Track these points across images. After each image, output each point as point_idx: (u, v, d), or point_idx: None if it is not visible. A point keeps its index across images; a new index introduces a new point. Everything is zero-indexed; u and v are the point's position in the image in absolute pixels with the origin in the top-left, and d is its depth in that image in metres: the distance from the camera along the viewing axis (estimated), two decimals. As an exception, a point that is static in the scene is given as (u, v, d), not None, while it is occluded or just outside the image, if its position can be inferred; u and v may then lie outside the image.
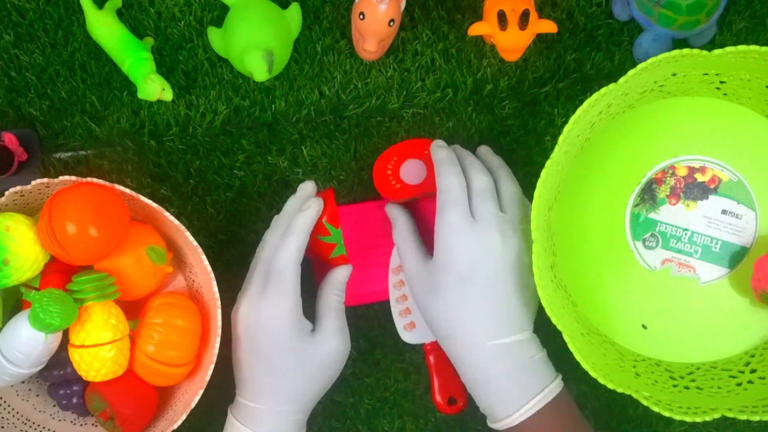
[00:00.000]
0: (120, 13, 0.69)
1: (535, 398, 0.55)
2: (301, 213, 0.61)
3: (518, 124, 0.72)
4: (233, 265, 0.71)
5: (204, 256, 0.63)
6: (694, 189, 0.71)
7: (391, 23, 0.63)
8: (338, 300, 0.64)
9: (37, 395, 0.70)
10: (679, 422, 0.66)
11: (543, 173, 0.60)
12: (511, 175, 0.66)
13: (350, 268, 0.65)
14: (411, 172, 0.67)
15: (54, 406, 0.70)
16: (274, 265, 0.59)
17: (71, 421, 0.70)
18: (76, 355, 0.62)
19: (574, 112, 0.60)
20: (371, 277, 0.71)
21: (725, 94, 0.69)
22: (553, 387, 0.58)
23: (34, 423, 0.68)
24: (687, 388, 0.67)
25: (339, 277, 0.64)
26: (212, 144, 0.71)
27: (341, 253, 0.64)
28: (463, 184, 0.61)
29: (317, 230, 0.63)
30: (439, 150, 0.63)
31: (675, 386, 0.67)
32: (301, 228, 0.60)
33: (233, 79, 0.71)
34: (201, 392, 0.63)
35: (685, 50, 0.59)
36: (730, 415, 0.62)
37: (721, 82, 0.67)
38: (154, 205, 0.61)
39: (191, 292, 0.71)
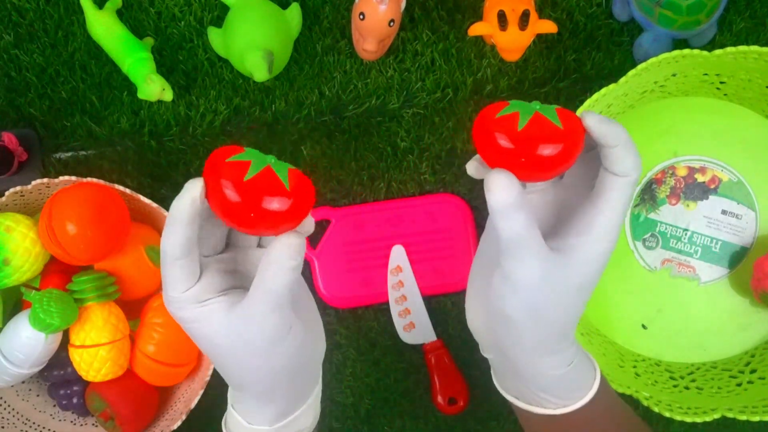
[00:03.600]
0: (120, 13, 0.69)
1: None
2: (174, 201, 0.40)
3: (518, 124, 0.72)
4: (233, 265, 0.71)
5: (204, 256, 0.63)
6: (694, 189, 0.71)
7: (391, 23, 0.63)
8: (283, 282, 0.38)
9: (37, 395, 0.70)
10: (679, 422, 0.66)
11: (543, 173, 0.60)
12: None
13: (305, 229, 0.41)
14: None
15: (54, 406, 0.70)
16: (162, 258, 0.41)
17: (71, 421, 0.70)
18: (76, 355, 0.62)
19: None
20: (370, 280, 0.71)
21: (725, 94, 0.69)
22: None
23: (34, 423, 0.68)
24: (687, 388, 0.67)
25: (286, 246, 0.38)
26: (212, 144, 0.71)
27: (260, 168, 0.37)
28: None
29: (225, 154, 0.38)
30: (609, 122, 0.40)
31: (675, 386, 0.68)
32: (173, 216, 0.39)
33: (233, 79, 0.71)
34: (201, 392, 0.63)
35: (685, 50, 0.59)
36: (730, 415, 0.62)
37: (721, 83, 0.67)
38: (154, 205, 0.62)
39: (191, 292, 0.71)
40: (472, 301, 0.46)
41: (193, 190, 0.38)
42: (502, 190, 0.37)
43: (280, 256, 0.37)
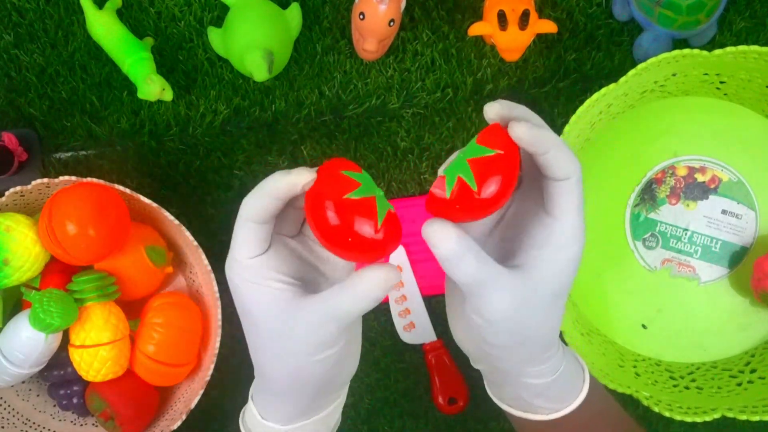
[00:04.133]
0: (120, 13, 0.69)
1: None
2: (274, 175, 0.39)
3: (518, 124, 0.72)
4: (233, 265, 0.71)
5: (204, 256, 0.63)
6: (694, 189, 0.71)
7: (391, 23, 0.63)
8: (362, 308, 0.38)
9: (37, 395, 0.70)
10: (679, 422, 0.66)
11: (543, 173, 0.60)
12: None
13: (396, 274, 0.38)
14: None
15: (54, 406, 0.70)
16: (238, 218, 0.40)
17: (71, 421, 0.70)
18: (76, 355, 0.62)
19: (574, 112, 0.60)
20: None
21: (725, 94, 0.69)
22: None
23: (34, 423, 0.68)
24: (687, 388, 0.67)
25: (370, 286, 0.37)
26: (212, 144, 0.71)
27: (367, 194, 0.37)
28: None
29: (340, 167, 0.38)
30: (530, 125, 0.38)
31: (675, 386, 0.68)
32: (267, 187, 0.39)
33: (233, 79, 0.71)
34: (201, 392, 0.63)
35: (685, 50, 0.59)
36: (730, 415, 0.62)
37: (721, 82, 0.67)
38: (154, 205, 0.62)
39: (191, 292, 0.71)
40: (454, 324, 0.46)
41: (301, 176, 0.38)
42: (440, 241, 0.37)
43: (372, 284, 0.37)
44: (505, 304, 0.38)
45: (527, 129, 0.37)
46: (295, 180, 0.38)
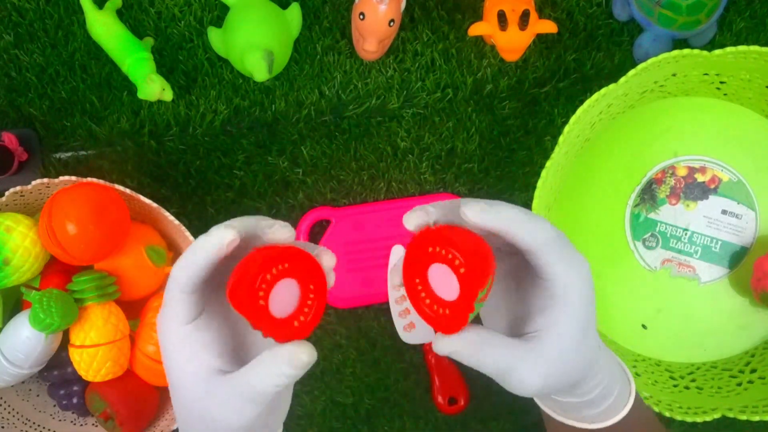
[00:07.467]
0: (120, 13, 0.69)
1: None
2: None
3: (518, 124, 0.72)
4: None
5: (204, 256, 0.62)
6: (694, 189, 0.71)
7: (391, 23, 0.63)
8: (276, 385, 0.36)
9: (37, 395, 0.69)
10: (680, 422, 0.66)
11: (543, 174, 0.60)
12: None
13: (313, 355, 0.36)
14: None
15: (54, 406, 0.70)
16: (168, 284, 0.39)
17: (71, 421, 0.70)
18: (76, 355, 0.62)
19: (574, 112, 0.60)
20: (370, 280, 0.71)
21: (725, 94, 0.69)
22: None
23: (34, 423, 0.68)
24: (687, 388, 0.67)
25: (292, 363, 0.36)
26: (212, 144, 0.71)
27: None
28: None
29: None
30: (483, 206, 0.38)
31: (675, 386, 0.68)
32: (188, 257, 0.37)
33: (233, 79, 0.71)
34: (201, 392, 0.63)
35: (685, 50, 0.59)
36: (730, 415, 0.62)
37: (721, 82, 0.67)
38: (154, 205, 0.61)
39: (191, 292, 0.71)
40: None
41: (223, 236, 0.36)
42: (452, 349, 0.37)
43: (282, 362, 0.36)
44: (533, 379, 0.38)
45: (478, 211, 0.37)
46: (217, 242, 0.36)
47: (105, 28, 0.66)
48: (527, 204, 0.71)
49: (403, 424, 0.74)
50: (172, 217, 0.62)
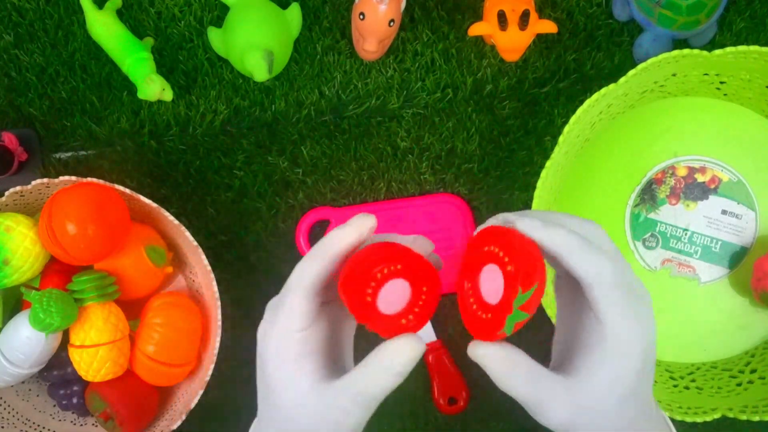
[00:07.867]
0: (120, 13, 0.69)
1: None
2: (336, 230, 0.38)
3: (518, 124, 0.72)
4: (233, 265, 0.71)
5: (204, 256, 0.63)
6: (694, 189, 0.71)
7: (391, 23, 0.63)
8: (383, 388, 0.36)
9: (37, 395, 0.70)
10: (679, 422, 0.66)
11: (543, 174, 0.60)
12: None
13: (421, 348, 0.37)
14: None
15: (54, 406, 0.70)
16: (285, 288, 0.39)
17: (71, 421, 0.70)
18: (76, 355, 0.62)
19: (574, 112, 0.60)
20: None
21: (725, 94, 0.69)
22: None
23: (34, 423, 0.68)
24: (687, 388, 0.67)
25: (399, 358, 0.36)
26: (212, 144, 0.71)
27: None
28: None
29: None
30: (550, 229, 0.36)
31: (675, 386, 0.68)
32: (324, 249, 0.37)
33: (233, 79, 0.71)
34: (201, 392, 0.63)
35: (685, 50, 0.59)
36: (730, 415, 0.62)
37: (721, 82, 0.67)
38: (154, 205, 0.62)
39: (191, 292, 0.71)
40: None
41: (365, 222, 0.37)
42: (490, 362, 0.35)
43: (393, 360, 0.35)
44: (562, 416, 0.36)
45: (537, 227, 0.35)
46: (363, 225, 0.36)
47: (105, 28, 0.66)
48: (527, 204, 0.71)
49: (403, 424, 0.74)
50: (172, 217, 0.62)
